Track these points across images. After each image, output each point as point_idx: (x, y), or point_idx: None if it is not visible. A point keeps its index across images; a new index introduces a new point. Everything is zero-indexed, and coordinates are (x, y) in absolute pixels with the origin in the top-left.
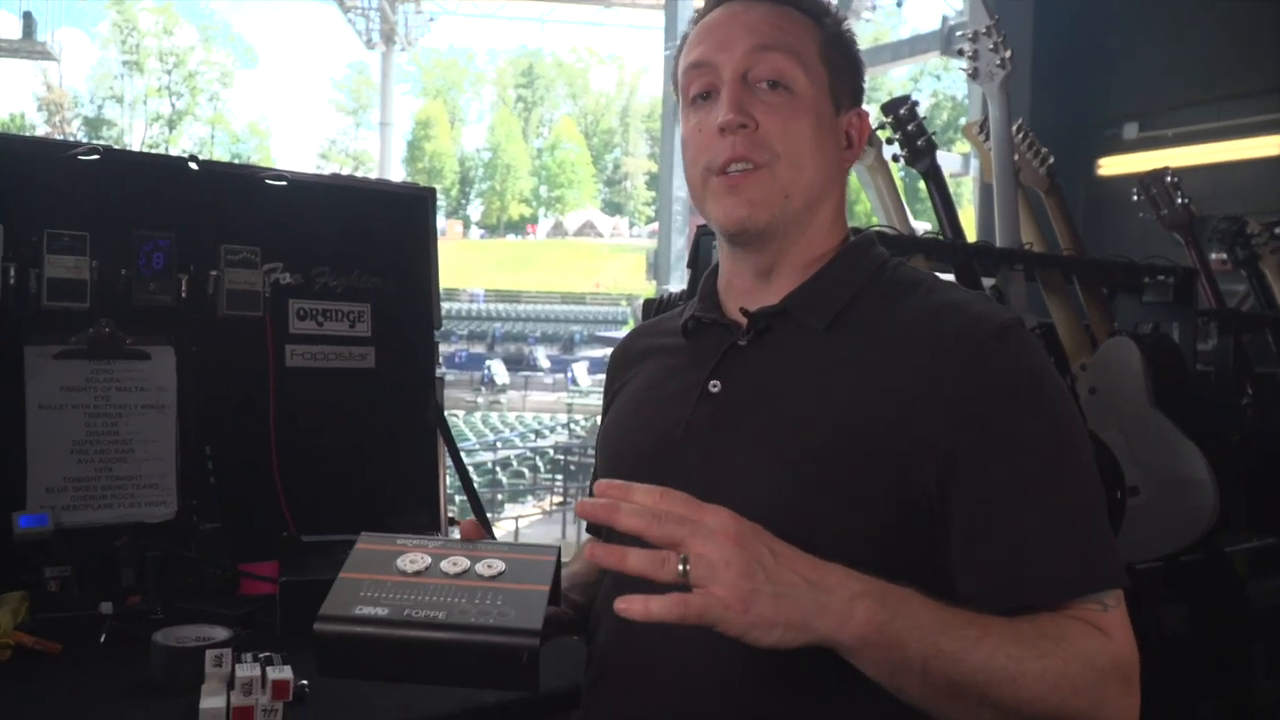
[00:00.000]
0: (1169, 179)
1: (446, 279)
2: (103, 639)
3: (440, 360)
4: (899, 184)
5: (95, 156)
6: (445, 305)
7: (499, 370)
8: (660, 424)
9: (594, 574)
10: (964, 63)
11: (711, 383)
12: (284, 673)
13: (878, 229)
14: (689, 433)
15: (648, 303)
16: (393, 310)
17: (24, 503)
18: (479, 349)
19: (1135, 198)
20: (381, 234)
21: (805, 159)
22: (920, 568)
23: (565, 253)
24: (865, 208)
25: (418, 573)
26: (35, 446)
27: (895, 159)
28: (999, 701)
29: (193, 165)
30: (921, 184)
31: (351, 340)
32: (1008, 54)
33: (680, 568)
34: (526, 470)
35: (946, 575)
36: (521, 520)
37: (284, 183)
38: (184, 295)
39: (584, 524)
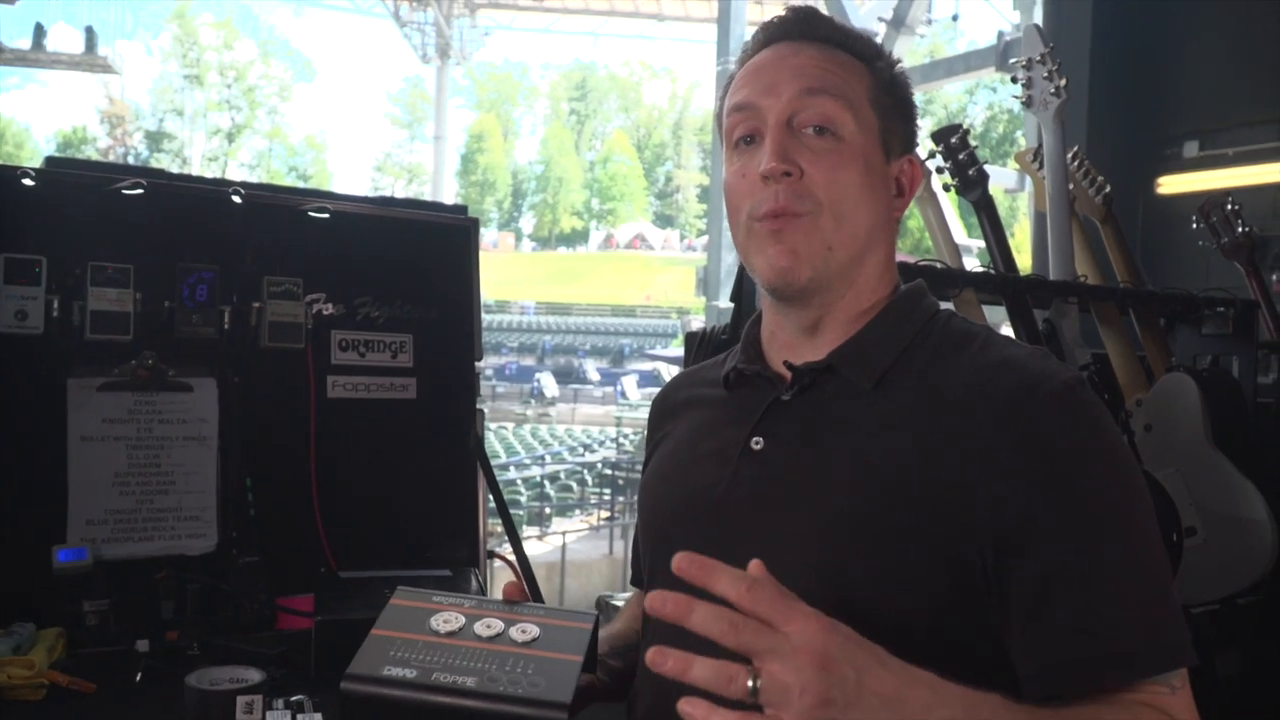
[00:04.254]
0: (1229, 206)
1: (498, 291)
2: (138, 678)
3: (489, 374)
4: (955, 208)
5: (139, 191)
6: (496, 317)
7: (548, 383)
8: (701, 481)
9: (633, 637)
10: (1018, 89)
11: (754, 439)
12: None
13: (927, 262)
14: (730, 491)
15: (689, 336)
16: (434, 340)
17: (64, 536)
18: (529, 361)
19: (1195, 225)
20: (424, 263)
21: (850, 210)
22: (975, 641)
23: (616, 265)
24: (917, 222)
25: (450, 634)
26: (77, 479)
27: (946, 189)
28: None
29: (235, 198)
30: None
31: (393, 371)
32: (1063, 82)
33: (750, 684)
34: (574, 484)
35: (1002, 649)
36: (569, 535)
37: (326, 215)
38: (227, 327)
39: (630, 541)
